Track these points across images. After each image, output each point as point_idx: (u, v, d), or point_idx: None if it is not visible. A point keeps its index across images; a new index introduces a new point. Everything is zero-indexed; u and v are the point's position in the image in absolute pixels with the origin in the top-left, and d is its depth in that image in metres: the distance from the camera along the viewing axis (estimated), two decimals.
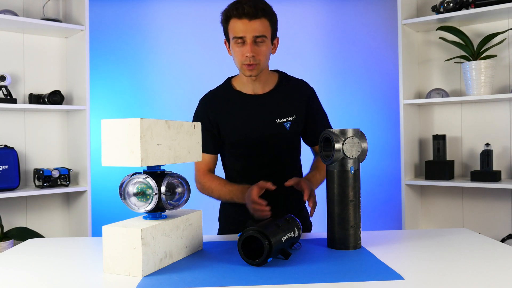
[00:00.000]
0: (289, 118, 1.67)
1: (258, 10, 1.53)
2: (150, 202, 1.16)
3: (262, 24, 1.55)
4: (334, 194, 1.32)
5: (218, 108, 1.68)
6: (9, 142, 2.73)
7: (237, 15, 1.54)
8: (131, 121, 1.07)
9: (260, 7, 1.54)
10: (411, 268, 1.13)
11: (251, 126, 1.65)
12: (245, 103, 1.67)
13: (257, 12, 1.53)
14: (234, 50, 1.59)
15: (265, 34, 1.56)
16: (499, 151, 2.74)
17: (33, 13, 2.81)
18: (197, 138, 1.33)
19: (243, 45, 1.56)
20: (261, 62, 1.59)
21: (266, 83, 1.69)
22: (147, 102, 3.22)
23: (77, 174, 2.82)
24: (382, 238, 1.46)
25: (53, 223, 2.89)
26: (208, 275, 1.08)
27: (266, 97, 1.69)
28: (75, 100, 2.81)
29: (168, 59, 3.23)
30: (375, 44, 3.24)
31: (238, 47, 1.57)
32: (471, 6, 2.61)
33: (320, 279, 1.03)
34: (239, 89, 1.70)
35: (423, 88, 2.98)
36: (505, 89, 2.72)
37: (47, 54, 2.88)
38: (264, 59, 1.60)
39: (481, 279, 1.04)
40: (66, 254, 1.33)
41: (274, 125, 1.66)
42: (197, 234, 1.33)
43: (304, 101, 1.72)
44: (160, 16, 3.23)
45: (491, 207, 2.77)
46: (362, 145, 1.32)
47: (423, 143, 2.98)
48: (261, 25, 1.54)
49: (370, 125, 3.16)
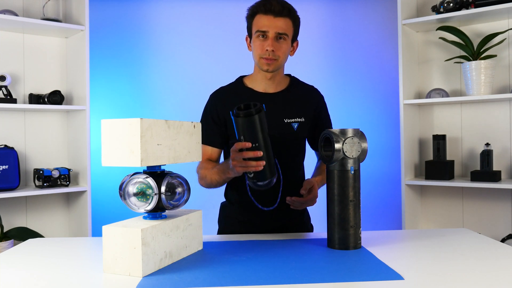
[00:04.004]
0: (297, 119, 1.69)
1: (284, 8, 1.60)
2: (150, 202, 1.16)
3: (286, 23, 1.60)
4: (334, 194, 1.32)
5: (228, 103, 1.69)
6: (9, 142, 2.73)
7: (263, 11, 1.60)
8: (131, 121, 1.07)
9: (286, 6, 1.61)
10: (411, 268, 1.14)
11: None
12: (255, 99, 1.68)
13: (283, 10, 1.59)
14: (255, 44, 1.63)
15: (287, 32, 1.61)
16: (499, 151, 2.74)
17: (33, 13, 2.81)
18: (197, 138, 1.33)
19: (264, 39, 1.61)
20: (280, 59, 1.63)
21: (279, 84, 1.72)
22: (147, 102, 3.22)
23: (77, 174, 2.82)
24: (382, 238, 1.46)
25: (53, 223, 2.89)
26: (208, 275, 1.08)
27: (277, 96, 1.70)
28: (75, 100, 2.81)
29: (168, 59, 3.23)
30: (375, 44, 3.24)
31: (259, 41, 1.62)
32: (471, 6, 2.61)
33: (320, 279, 1.03)
34: (250, 86, 1.72)
35: (423, 88, 2.98)
36: (505, 89, 2.72)
37: (47, 54, 2.88)
38: (283, 57, 1.64)
39: (481, 279, 1.04)
40: (66, 254, 1.33)
41: (282, 124, 1.67)
42: (197, 234, 1.33)
43: (313, 106, 1.74)
44: (160, 16, 3.23)
45: (491, 207, 2.77)
46: (362, 145, 1.32)
47: (423, 143, 2.98)
48: (285, 23, 1.60)
49: (370, 125, 3.16)
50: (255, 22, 1.63)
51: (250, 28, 1.67)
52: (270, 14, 1.58)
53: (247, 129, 1.38)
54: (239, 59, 2.29)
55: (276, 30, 1.59)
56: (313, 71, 3.21)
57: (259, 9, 1.61)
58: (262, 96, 1.69)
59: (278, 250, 1.31)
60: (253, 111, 1.36)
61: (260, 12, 1.61)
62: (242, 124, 1.38)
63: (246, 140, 1.39)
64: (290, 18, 1.61)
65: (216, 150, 1.73)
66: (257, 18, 1.62)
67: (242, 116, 1.36)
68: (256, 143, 1.38)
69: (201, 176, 1.68)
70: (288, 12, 1.60)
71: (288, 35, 1.62)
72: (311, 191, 1.54)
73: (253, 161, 1.38)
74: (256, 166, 1.37)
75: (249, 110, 1.36)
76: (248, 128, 1.37)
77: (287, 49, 1.64)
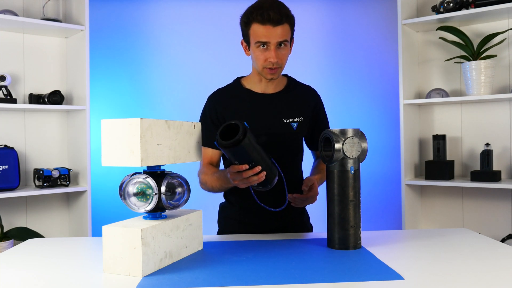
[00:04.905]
0: (296, 119, 1.69)
1: (282, 16, 1.54)
2: (150, 202, 1.16)
3: (285, 29, 1.56)
4: (334, 194, 1.32)
5: (227, 105, 1.69)
6: (9, 142, 2.73)
7: (260, 21, 1.53)
8: (131, 121, 1.07)
9: (284, 13, 1.55)
10: (411, 268, 1.14)
11: (258, 123, 1.66)
12: (254, 101, 1.68)
13: (281, 18, 1.53)
14: (256, 54, 1.60)
15: (287, 38, 1.58)
16: (499, 151, 2.74)
17: (33, 13, 2.81)
18: (197, 138, 1.33)
19: (266, 50, 1.57)
20: (283, 66, 1.62)
21: (277, 85, 1.72)
22: (147, 102, 3.22)
23: (77, 174, 2.82)
24: (382, 238, 1.46)
25: (53, 223, 2.89)
26: (208, 275, 1.08)
27: (275, 96, 1.70)
28: (75, 100, 2.81)
29: (168, 59, 3.23)
30: (375, 44, 3.24)
31: (261, 52, 1.58)
32: (471, 6, 2.61)
33: (320, 279, 1.03)
34: (249, 87, 1.71)
35: (423, 88, 2.98)
36: (505, 89, 2.72)
37: (47, 54, 2.87)
38: (285, 62, 1.63)
39: (481, 279, 1.04)
40: (66, 254, 1.33)
41: (281, 124, 1.67)
42: (197, 234, 1.33)
43: (311, 105, 1.74)
44: (160, 16, 3.23)
45: (491, 207, 2.77)
46: (362, 145, 1.32)
47: (423, 143, 2.98)
48: (284, 30, 1.56)
49: (370, 125, 3.16)
50: (253, 32, 1.57)
51: (247, 35, 1.61)
52: (268, 24, 1.53)
53: (239, 155, 1.31)
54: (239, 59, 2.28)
55: (277, 40, 1.55)
56: (313, 71, 3.21)
57: (255, 19, 1.54)
58: (260, 97, 1.69)
59: (278, 250, 1.31)
60: (241, 137, 1.26)
61: (257, 22, 1.54)
62: (233, 152, 1.30)
63: (242, 163, 1.33)
64: (288, 22, 1.57)
65: (217, 152, 1.73)
66: (255, 28, 1.56)
67: (231, 146, 1.27)
68: (252, 162, 1.33)
69: (202, 181, 1.69)
70: (286, 18, 1.55)
71: (288, 40, 1.60)
72: (312, 188, 1.55)
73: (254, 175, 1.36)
74: (258, 179, 1.37)
75: (236, 139, 1.26)
76: (241, 154, 1.31)
77: (288, 54, 1.62)
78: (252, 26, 1.57)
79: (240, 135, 1.26)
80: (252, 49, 1.61)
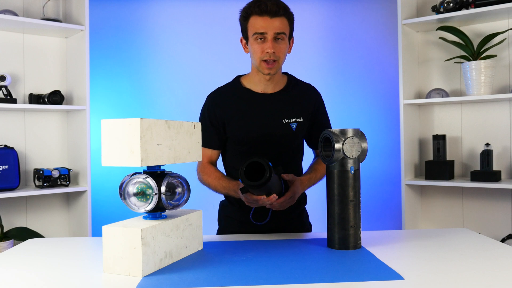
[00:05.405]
0: (296, 119, 1.69)
1: (280, 8, 1.57)
2: (150, 202, 1.16)
3: (282, 22, 1.59)
4: (334, 194, 1.32)
5: (226, 105, 1.69)
6: (9, 142, 2.73)
7: (258, 12, 1.57)
8: (131, 121, 1.07)
9: (281, 5, 1.59)
10: (411, 268, 1.14)
11: (258, 123, 1.66)
12: (253, 100, 1.68)
13: (279, 10, 1.57)
14: (253, 47, 1.61)
15: (284, 31, 1.60)
16: (499, 151, 2.74)
17: (33, 13, 2.81)
18: (197, 138, 1.33)
19: (263, 41, 1.59)
20: (280, 60, 1.62)
21: (277, 84, 1.72)
22: (147, 102, 3.22)
23: (77, 174, 2.82)
24: (382, 238, 1.46)
25: (53, 223, 2.89)
26: (208, 275, 1.08)
27: (275, 96, 1.70)
28: (75, 100, 2.81)
29: (168, 59, 3.23)
30: (375, 44, 3.24)
31: (258, 44, 1.60)
32: (471, 6, 2.61)
33: (320, 279, 1.03)
34: (248, 87, 1.71)
35: (423, 88, 2.98)
36: (505, 89, 2.72)
37: (47, 54, 2.87)
38: (283, 57, 1.63)
39: (481, 279, 1.04)
40: (66, 254, 1.33)
41: (280, 124, 1.67)
42: (197, 234, 1.33)
43: (311, 104, 1.74)
44: (160, 16, 3.23)
45: (491, 207, 2.77)
46: (362, 145, 1.32)
47: (423, 143, 2.98)
48: (281, 23, 1.58)
49: (370, 125, 3.16)
50: (251, 24, 1.60)
51: (245, 30, 1.64)
52: (266, 15, 1.56)
53: (261, 190, 1.38)
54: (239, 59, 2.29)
55: (274, 31, 1.57)
56: (313, 71, 3.21)
57: (253, 11, 1.58)
58: (260, 97, 1.69)
59: (278, 250, 1.31)
60: (267, 178, 1.32)
61: (255, 14, 1.58)
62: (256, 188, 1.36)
63: (260, 195, 1.42)
64: (286, 17, 1.60)
65: (216, 152, 1.74)
66: (253, 20, 1.59)
67: (257, 186, 1.34)
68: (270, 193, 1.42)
69: (204, 182, 1.71)
70: (283, 11, 1.58)
71: (286, 34, 1.61)
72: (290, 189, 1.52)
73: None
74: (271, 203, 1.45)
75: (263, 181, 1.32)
76: (262, 189, 1.37)
77: (285, 48, 1.63)
78: (250, 19, 1.60)
79: (267, 177, 1.31)
80: (250, 43, 1.63)
